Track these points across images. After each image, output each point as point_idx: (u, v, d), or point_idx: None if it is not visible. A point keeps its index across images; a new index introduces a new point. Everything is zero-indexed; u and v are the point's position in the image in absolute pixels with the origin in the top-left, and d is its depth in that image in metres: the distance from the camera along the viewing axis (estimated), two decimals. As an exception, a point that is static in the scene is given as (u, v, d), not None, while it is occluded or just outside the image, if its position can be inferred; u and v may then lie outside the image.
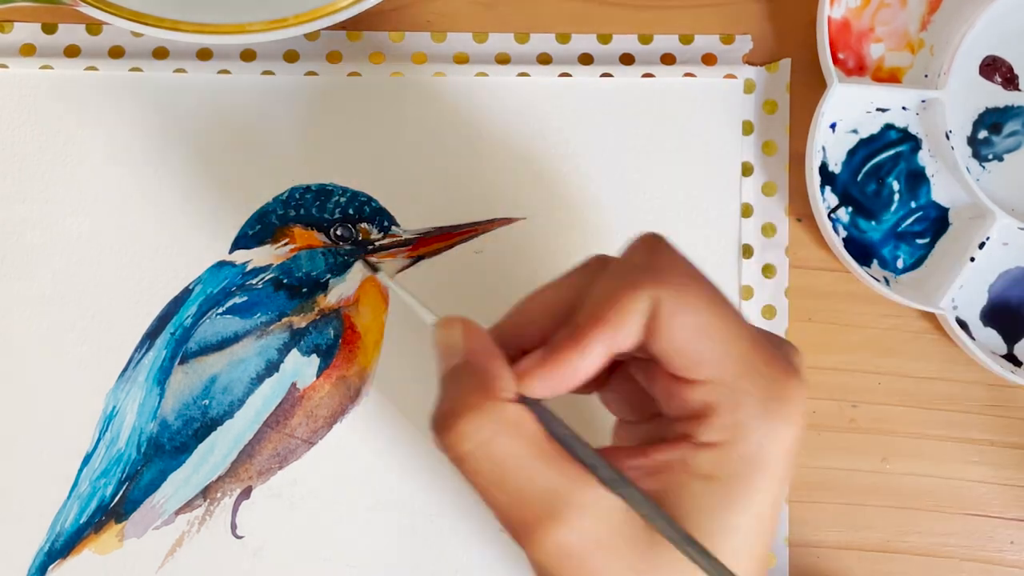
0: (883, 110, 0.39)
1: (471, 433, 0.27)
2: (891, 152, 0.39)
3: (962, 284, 0.39)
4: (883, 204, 0.39)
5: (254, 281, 0.38)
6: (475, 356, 0.29)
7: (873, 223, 0.39)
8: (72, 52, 0.39)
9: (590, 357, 0.28)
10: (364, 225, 0.38)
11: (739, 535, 0.28)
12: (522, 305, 0.31)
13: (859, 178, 0.39)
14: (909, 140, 0.39)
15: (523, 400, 0.28)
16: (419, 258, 0.38)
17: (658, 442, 0.29)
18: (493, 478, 0.27)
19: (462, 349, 0.29)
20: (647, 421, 0.31)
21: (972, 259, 0.38)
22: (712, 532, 0.27)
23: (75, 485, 0.37)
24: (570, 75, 0.39)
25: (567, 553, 0.27)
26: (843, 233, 0.39)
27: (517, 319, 0.31)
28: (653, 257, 0.28)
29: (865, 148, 0.39)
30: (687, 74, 0.39)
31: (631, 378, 0.32)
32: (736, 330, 0.28)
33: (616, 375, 0.32)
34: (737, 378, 0.27)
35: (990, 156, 0.40)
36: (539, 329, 0.30)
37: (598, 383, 0.32)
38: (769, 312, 0.39)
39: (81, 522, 0.37)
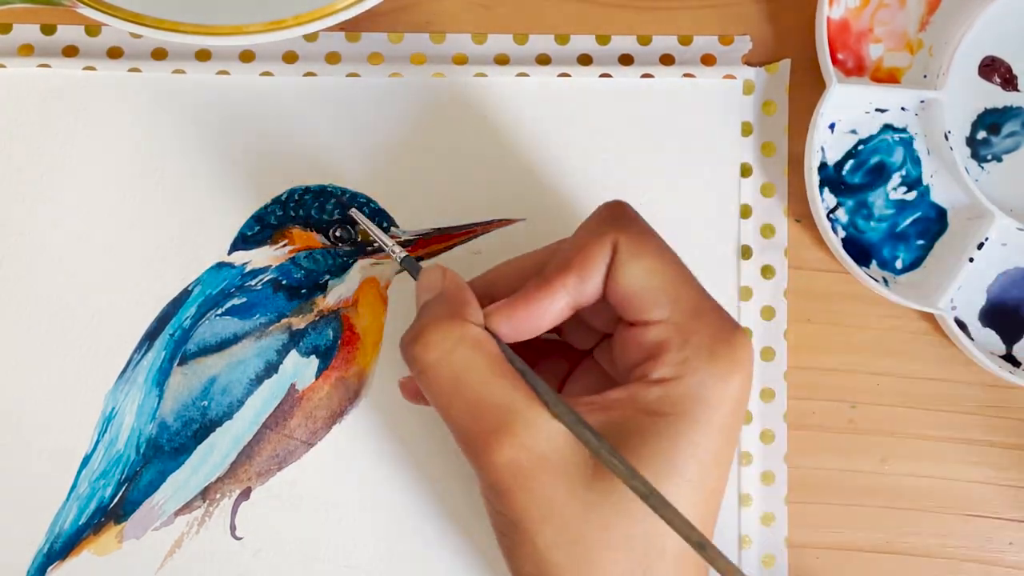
0: (882, 110, 0.39)
1: (435, 343, 0.30)
2: (890, 152, 0.39)
3: (961, 285, 0.39)
4: (882, 205, 0.39)
5: (253, 282, 0.38)
6: (449, 290, 0.31)
7: (872, 224, 0.39)
8: (71, 52, 0.39)
9: (556, 301, 0.31)
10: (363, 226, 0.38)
11: (683, 482, 0.29)
12: (495, 268, 0.34)
13: (858, 178, 0.39)
14: (908, 140, 0.39)
15: (489, 334, 0.31)
16: (418, 259, 0.38)
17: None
18: (452, 388, 0.30)
19: (439, 286, 0.32)
20: None
21: (971, 260, 0.38)
22: (656, 471, 0.29)
23: (74, 486, 0.37)
24: (569, 75, 0.39)
25: (516, 469, 0.29)
26: (842, 234, 0.39)
27: (489, 276, 0.34)
28: (613, 213, 0.32)
29: (864, 148, 0.39)
30: (686, 75, 0.39)
31: (594, 369, 0.34)
32: (686, 278, 0.31)
33: (580, 368, 0.35)
34: (687, 318, 0.30)
35: (989, 157, 0.40)
36: (508, 285, 0.32)
37: (562, 377, 0.35)
38: (768, 313, 0.39)
39: (80, 523, 0.37)
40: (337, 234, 0.38)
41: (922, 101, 0.39)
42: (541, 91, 0.39)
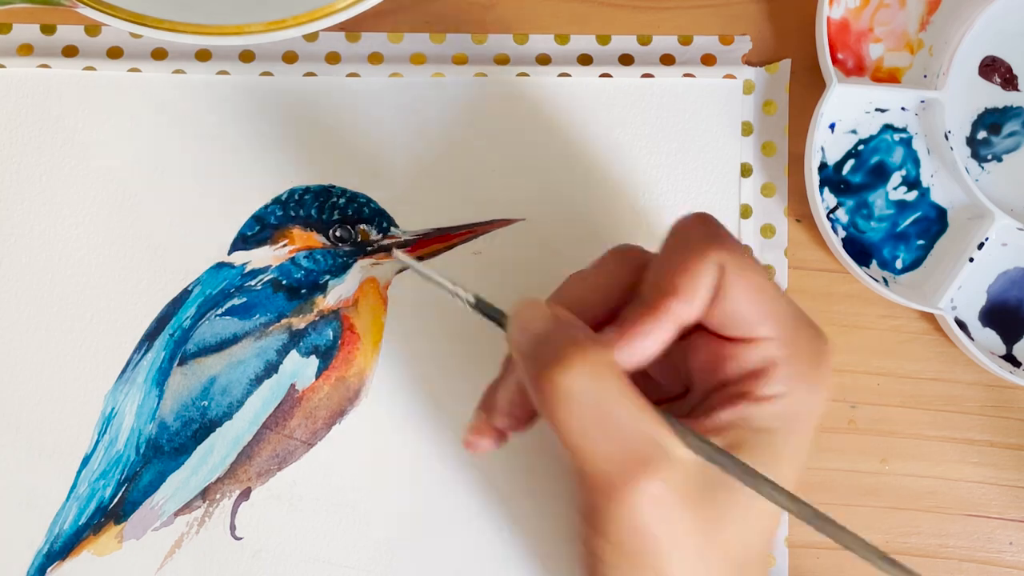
0: (882, 110, 0.39)
1: (583, 371, 0.27)
2: (890, 152, 0.39)
3: (961, 284, 0.39)
4: (882, 204, 0.39)
5: (253, 282, 0.38)
6: (566, 316, 0.29)
7: (872, 223, 0.39)
8: (70, 52, 0.39)
9: (665, 329, 0.29)
10: (363, 226, 0.38)
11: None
12: (563, 289, 0.32)
13: (858, 178, 0.39)
14: (908, 140, 0.39)
15: None
16: (418, 259, 0.38)
17: (713, 408, 0.30)
18: (596, 419, 0.27)
19: (549, 316, 0.29)
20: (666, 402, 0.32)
21: (971, 260, 0.38)
22: None
23: (74, 486, 0.37)
24: (569, 75, 0.39)
25: (658, 504, 0.27)
26: (842, 233, 0.39)
27: (563, 299, 0.31)
28: (711, 228, 0.30)
29: (864, 148, 0.39)
30: (686, 75, 0.39)
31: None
32: (781, 291, 0.30)
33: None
34: (790, 333, 0.29)
35: (989, 156, 0.40)
36: (592, 308, 0.30)
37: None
38: (768, 313, 0.39)
39: (80, 524, 0.37)
40: (337, 234, 0.38)
41: (922, 101, 0.39)
42: (541, 91, 0.39)
